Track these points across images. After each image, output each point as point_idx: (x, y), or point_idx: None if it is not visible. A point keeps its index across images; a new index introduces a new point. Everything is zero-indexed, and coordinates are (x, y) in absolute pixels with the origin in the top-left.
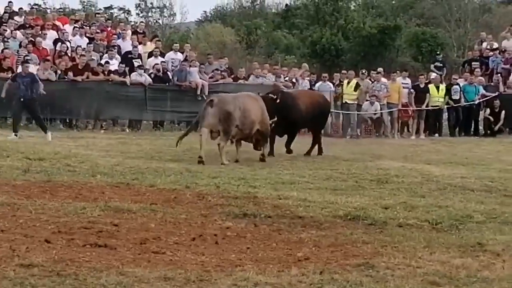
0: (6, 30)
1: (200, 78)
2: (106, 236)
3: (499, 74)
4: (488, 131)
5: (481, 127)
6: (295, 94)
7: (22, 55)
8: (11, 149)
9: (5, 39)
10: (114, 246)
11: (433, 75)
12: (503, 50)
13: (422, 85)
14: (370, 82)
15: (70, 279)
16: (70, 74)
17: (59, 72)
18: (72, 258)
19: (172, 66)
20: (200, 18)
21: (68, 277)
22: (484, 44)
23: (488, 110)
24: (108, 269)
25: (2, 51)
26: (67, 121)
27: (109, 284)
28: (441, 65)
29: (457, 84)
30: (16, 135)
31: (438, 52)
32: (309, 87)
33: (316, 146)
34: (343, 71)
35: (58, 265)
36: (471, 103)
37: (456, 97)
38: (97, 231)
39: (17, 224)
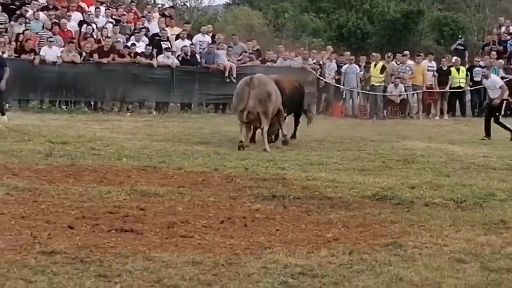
0: (27, 11)
1: (228, 61)
2: (132, 221)
3: None
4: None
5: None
6: (278, 79)
7: (45, 36)
8: (33, 132)
9: (27, 21)
10: (140, 231)
11: (454, 58)
12: None
13: (444, 68)
14: (396, 65)
15: (95, 266)
16: (95, 56)
17: (84, 54)
18: (96, 244)
19: (200, 48)
20: (228, 1)
21: (92, 263)
22: (503, 29)
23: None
24: (134, 254)
25: (23, 32)
26: (92, 104)
27: (135, 270)
28: (463, 48)
29: (479, 66)
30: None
31: (460, 36)
32: (336, 69)
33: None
34: (373, 54)
35: (82, 251)
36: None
37: (477, 78)
38: (123, 215)
39: (39, 210)
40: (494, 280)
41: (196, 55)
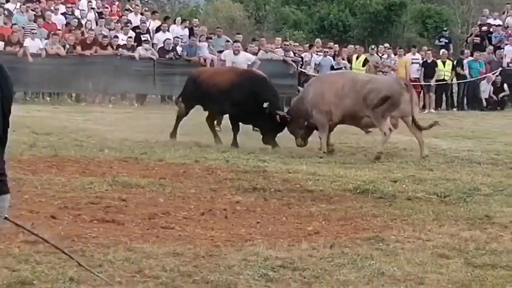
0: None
1: (210, 53)
2: (114, 212)
3: (502, 50)
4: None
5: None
6: None
7: (29, 29)
8: (17, 123)
9: (7, 13)
10: (122, 222)
11: (442, 51)
12: (506, 26)
13: (429, 61)
14: (379, 58)
15: (77, 256)
16: (78, 48)
17: (67, 46)
18: (78, 234)
19: (181, 42)
20: None
21: (74, 253)
22: (488, 20)
23: (491, 88)
24: (116, 245)
25: (12, 26)
26: (73, 95)
27: (116, 260)
28: (447, 41)
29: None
30: None
31: (445, 29)
32: (318, 62)
33: None
34: (355, 47)
35: (65, 241)
36: (476, 78)
37: (467, 71)
38: (105, 206)
39: (23, 200)
40: (478, 276)
41: (177, 47)
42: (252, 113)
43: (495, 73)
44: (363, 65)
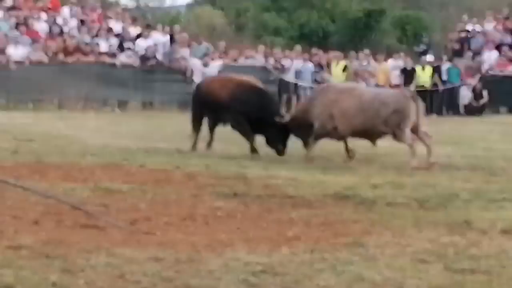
0: None
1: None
2: (96, 217)
3: (481, 56)
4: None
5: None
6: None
7: (12, 36)
8: (0, 130)
9: None
10: (103, 227)
11: (426, 56)
12: (485, 32)
13: (408, 67)
14: (359, 64)
15: (59, 261)
16: (61, 55)
17: (49, 54)
18: (61, 240)
19: (163, 49)
20: (191, 1)
21: (57, 258)
22: (467, 27)
23: (471, 95)
24: (98, 250)
25: None
26: (57, 101)
27: (98, 265)
28: (426, 47)
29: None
30: None
31: (424, 35)
32: (298, 69)
33: None
34: (334, 54)
35: (47, 246)
36: (454, 85)
37: (445, 77)
38: (87, 212)
39: (5, 206)
40: (457, 281)
41: (157, 54)
42: (261, 124)
43: (474, 79)
44: (343, 71)
